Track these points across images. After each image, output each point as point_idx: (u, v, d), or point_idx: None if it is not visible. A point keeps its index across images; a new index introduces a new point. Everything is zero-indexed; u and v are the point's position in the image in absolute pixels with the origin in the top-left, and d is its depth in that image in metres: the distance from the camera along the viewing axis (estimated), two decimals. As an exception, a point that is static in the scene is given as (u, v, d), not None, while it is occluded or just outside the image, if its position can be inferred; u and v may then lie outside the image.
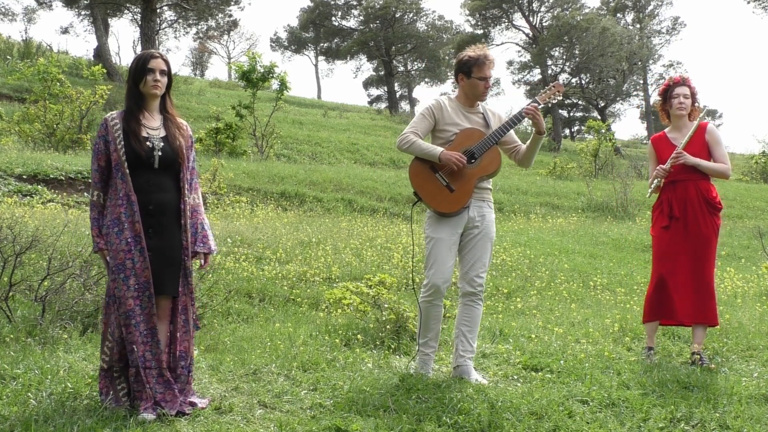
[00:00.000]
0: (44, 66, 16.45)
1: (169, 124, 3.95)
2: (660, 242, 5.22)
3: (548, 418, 3.80)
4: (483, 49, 4.72)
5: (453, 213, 4.55)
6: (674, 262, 5.12)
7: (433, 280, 4.56)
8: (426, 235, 4.66)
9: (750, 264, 10.02)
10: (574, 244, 11.31)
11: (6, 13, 37.99)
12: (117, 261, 3.75)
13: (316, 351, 5.13)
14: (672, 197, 5.17)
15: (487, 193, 4.75)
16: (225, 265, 7.68)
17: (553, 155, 28.99)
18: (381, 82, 49.37)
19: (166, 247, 3.83)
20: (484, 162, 4.59)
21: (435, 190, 4.55)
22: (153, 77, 3.87)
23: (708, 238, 5.11)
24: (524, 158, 4.74)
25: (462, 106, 4.73)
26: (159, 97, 3.97)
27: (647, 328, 5.31)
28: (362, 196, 14.51)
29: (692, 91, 5.26)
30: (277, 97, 20.01)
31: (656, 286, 5.20)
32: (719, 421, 3.79)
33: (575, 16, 38.13)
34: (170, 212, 3.87)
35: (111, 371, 3.80)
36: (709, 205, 5.15)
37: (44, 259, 6.08)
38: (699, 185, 5.15)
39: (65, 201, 10.72)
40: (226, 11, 36.61)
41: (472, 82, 4.66)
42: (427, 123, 4.66)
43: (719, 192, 5.42)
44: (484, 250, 4.63)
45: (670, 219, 5.15)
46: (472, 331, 4.63)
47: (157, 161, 3.83)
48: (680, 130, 5.28)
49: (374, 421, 3.70)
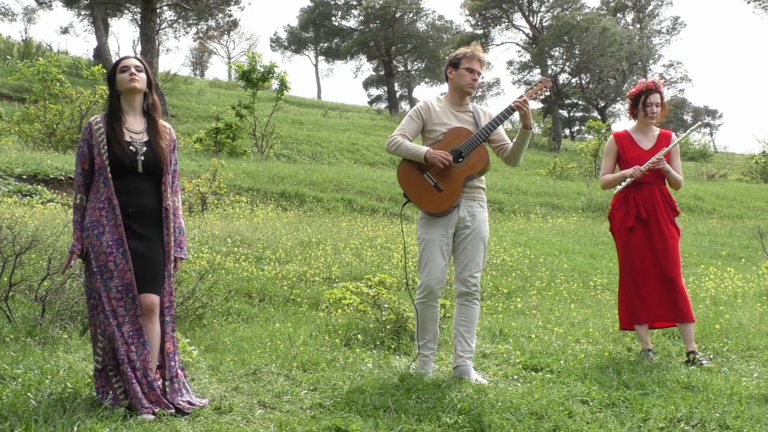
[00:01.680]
0: (44, 66, 16.45)
1: (152, 129, 3.95)
2: (625, 244, 5.27)
3: (548, 418, 3.80)
4: (475, 46, 4.75)
5: (442, 213, 4.55)
6: (641, 264, 5.19)
7: (427, 281, 4.58)
8: (418, 237, 4.68)
9: (750, 264, 10.02)
10: (574, 244, 11.31)
11: (6, 13, 38.00)
12: (99, 263, 3.77)
13: (316, 351, 5.13)
14: (639, 198, 5.23)
15: (479, 192, 4.70)
16: (225, 265, 7.68)
17: (553, 155, 29.00)
18: (381, 82, 49.37)
19: (147, 249, 3.84)
20: (472, 160, 4.58)
21: (423, 190, 4.56)
22: (128, 72, 3.89)
23: (671, 238, 5.20)
24: (512, 155, 4.70)
25: (451, 105, 4.73)
26: (140, 95, 3.96)
27: (638, 332, 5.30)
28: (362, 196, 14.51)
29: (662, 96, 5.35)
30: (277, 97, 20.02)
31: (627, 291, 5.27)
32: (719, 421, 3.78)
33: (575, 16, 38.12)
34: (150, 215, 3.88)
35: (106, 371, 3.82)
36: (672, 209, 5.28)
37: (44, 259, 6.08)
38: (663, 189, 5.28)
39: (65, 201, 10.71)
40: (226, 11, 36.59)
41: (460, 72, 4.67)
42: (415, 125, 4.67)
43: (719, 192, 5.46)
44: (476, 249, 4.62)
45: (636, 220, 5.21)
46: (469, 331, 4.63)
47: (141, 166, 3.84)
48: (645, 133, 5.37)
49: (374, 421, 3.69)
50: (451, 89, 4.76)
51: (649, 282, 5.18)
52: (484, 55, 4.70)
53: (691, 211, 16.99)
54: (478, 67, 4.66)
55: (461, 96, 4.73)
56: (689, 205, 17.43)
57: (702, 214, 16.98)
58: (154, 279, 3.85)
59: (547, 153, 30.64)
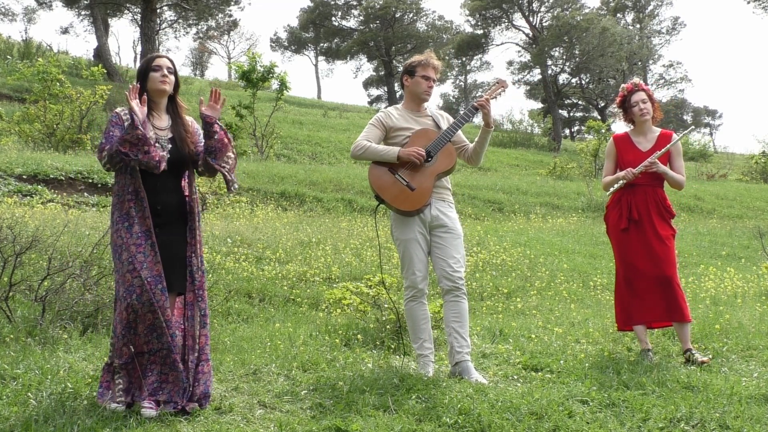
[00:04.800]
0: (44, 66, 16.44)
1: (177, 127, 3.99)
2: (620, 245, 5.29)
3: (548, 418, 3.80)
4: (429, 53, 4.94)
5: (416, 211, 4.65)
6: (636, 265, 5.19)
7: (412, 278, 4.66)
8: (395, 239, 4.76)
9: (750, 264, 10.02)
10: (574, 244, 11.31)
11: (6, 13, 38.03)
12: (129, 254, 3.76)
13: (316, 351, 5.13)
14: (632, 200, 5.24)
15: (447, 193, 4.83)
16: (225, 265, 7.68)
17: (553, 155, 28.99)
18: (381, 82, 49.41)
19: (173, 245, 3.86)
20: (440, 159, 4.71)
21: (396, 191, 4.64)
22: (161, 73, 3.94)
23: (666, 239, 5.20)
24: (474, 154, 4.88)
25: (409, 111, 4.88)
26: (166, 96, 4.01)
27: (637, 332, 5.31)
28: (362, 196, 14.50)
29: (648, 93, 5.34)
30: (277, 97, 20.01)
31: (623, 291, 5.28)
32: (719, 421, 3.78)
33: (575, 16, 38.12)
34: (176, 212, 3.91)
35: (112, 367, 3.82)
36: (667, 211, 5.28)
37: (44, 259, 6.08)
38: (657, 191, 5.27)
39: (65, 201, 10.72)
40: (226, 11, 36.65)
41: (416, 80, 4.81)
42: (377, 132, 4.78)
43: (719, 192, 5.46)
44: (454, 246, 4.69)
45: (629, 221, 5.22)
46: (462, 326, 4.65)
47: (165, 163, 3.85)
48: (644, 134, 5.35)
49: (374, 421, 3.69)
50: (407, 96, 4.92)
51: (644, 283, 5.18)
52: (437, 62, 4.89)
53: (691, 211, 16.97)
54: (433, 74, 4.84)
55: (418, 103, 4.89)
56: (689, 205, 17.42)
57: (702, 214, 16.97)
58: (179, 277, 3.87)
59: (547, 153, 30.63)
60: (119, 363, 3.78)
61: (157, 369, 3.78)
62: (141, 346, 3.77)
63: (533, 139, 35.42)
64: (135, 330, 3.77)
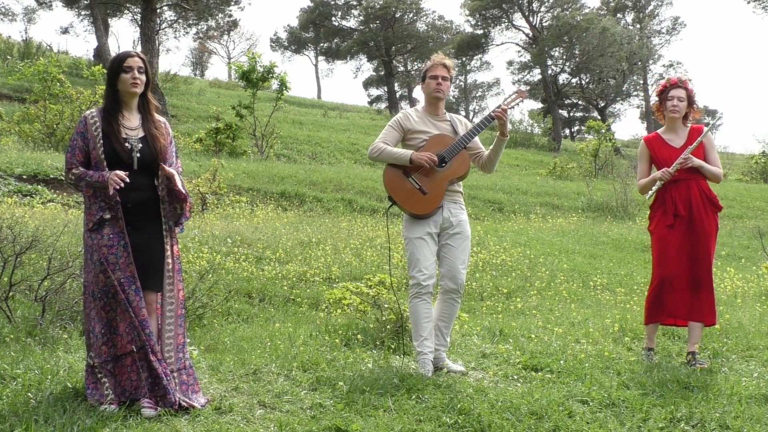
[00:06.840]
0: (44, 66, 16.44)
1: (148, 125, 3.97)
2: (662, 242, 5.18)
3: (548, 418, 3.80)
4: (437, 54, 5.04)
5: (427, 214, 4.76)
6: (677, 263, 5.11)
7: (418, 277, 4.75)
8: (405, 238, 4.87)
9: (750, 264, 10.02)
10: (574, 244, 11.31)
11: (6, 13, 38.02)
12: (100, 255, 3.77)
13: (316, 351, 5.13)
14: (676, 196, 5.16)
15: (459, 195, 4.95)
16: (225, 265, 7.68)
17: (553, 155, 28.98)
18: (381, 82, 49.39)
19: (146, 244, 3.87)
20: (454, 165, 4.82)
21: (408, 193, 4.76)
22: (131, 75, 3.90)
23: (710, 235, 5.13)
24: (488, 162, 4.97)
25: (428, 115, 4.98)
26: (138, 96, 3.98)
27: (647, 329, 5.30)
28: (362, 196, 14.50)
29: (689, 93, 5.24)
30: (277, 97, 20.02)
31: (657, 287, 5.19)
32: (719, 421, 3.79)
33: (575, 16, 38.09)
34: (149, 210, 3.91)
35: (94, 368, 3.83)
36: (712, 204, 5.19)
37: (44, 259, 6.08)
38: (701, 184, 5.18)
39: (65, 201, 10.72)
40: (226, 11, 36.60)
41: (426, 82, 4.94)
42: (395, 134, 4.90)
43: (719, 192, 5.44)
44: (463, 248, 4.84)
45: (675, 217, 5.14)
46: (447, 327, 4.90)
47: (136, 162, 3.85)
48: (675, 131, 5.28)
49: (374, 421, 3.70)
50: (425, 101, 5.04)
51: (680, 281, 5.10)
52: (446, 60, 4.96)
53: (691, 211, 16.94)
54: (442, 72, 4.92)
55: (434, 104, 4.98)
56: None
57: (702, 214, 16.93)
58: (154, 275, 3.88)
59: (547, 153, 30.62)
60: (98, 362, 3.79)
61: (146, 366, 3.79)
62: (125, 346, 3.78)
63: (533, 139, 35.43)
64: (116, 330, 3.79)
